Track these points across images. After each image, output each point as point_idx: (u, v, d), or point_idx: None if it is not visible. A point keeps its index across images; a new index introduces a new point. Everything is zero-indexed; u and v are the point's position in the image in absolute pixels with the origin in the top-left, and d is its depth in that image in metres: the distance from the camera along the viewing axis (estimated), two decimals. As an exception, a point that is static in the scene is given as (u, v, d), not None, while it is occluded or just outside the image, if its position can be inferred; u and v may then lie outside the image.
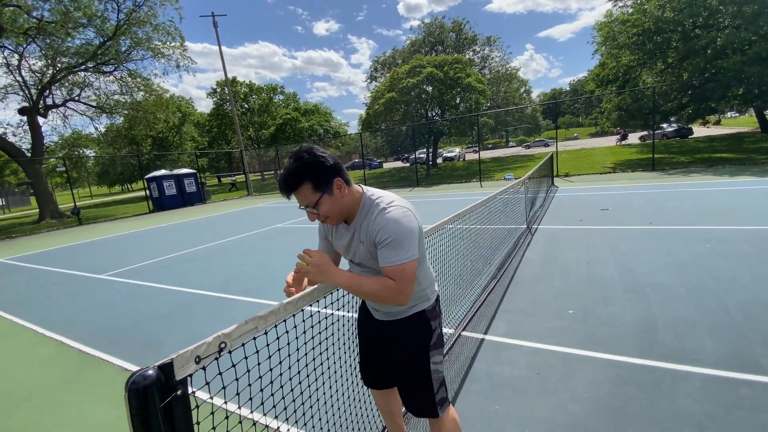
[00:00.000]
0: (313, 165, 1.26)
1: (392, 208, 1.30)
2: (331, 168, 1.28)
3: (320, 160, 1.27)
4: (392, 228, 1.26)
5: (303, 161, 1.26)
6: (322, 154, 1.28)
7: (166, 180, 18.77)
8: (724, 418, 1.93)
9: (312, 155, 1.27)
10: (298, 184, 1.27)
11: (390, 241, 1.26)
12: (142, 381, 0.83)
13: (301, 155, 1.27)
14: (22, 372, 3.25)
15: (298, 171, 1.26)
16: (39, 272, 7.25)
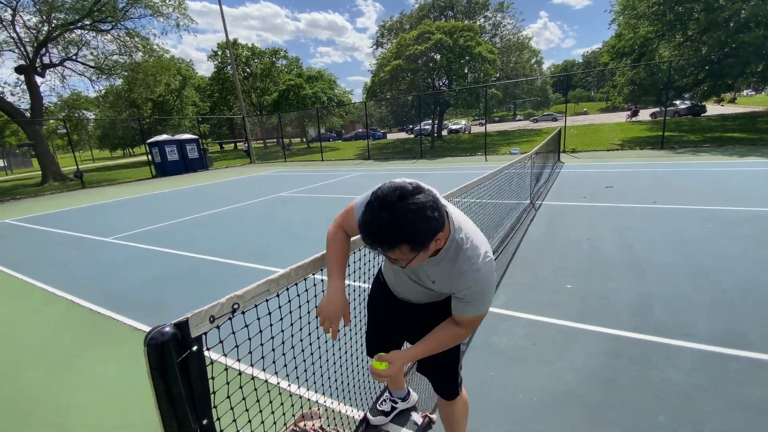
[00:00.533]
0: (419, 230, 0.98)
1: (483, 262, 1.13)
2: (437, 227, 1.01)
3: (432, 225, 0.99)
4: (480, 288, 1.14)
5: (408, 222, 0.96)
6: (432, 211, 0.99)
7: (168, 145, 18.63)
8: (711, 389, 2.02)
9: (421, 215, 0.97)
10: (394, 246, 1.00)
11: (473, 299, 1.16)
12: (160, 337, 0.88)
13: (408, 212, 0.96)
14: (36, 329, 3.37)
15: (400, 235, 0.97)
16: (46, 234, 7.36)
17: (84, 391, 2.44)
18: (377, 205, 0.99)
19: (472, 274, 1.12)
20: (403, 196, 0.98)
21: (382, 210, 0.98)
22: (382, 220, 0.98)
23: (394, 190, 0.99)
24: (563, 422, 1.88)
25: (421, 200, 0.98)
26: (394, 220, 0.97)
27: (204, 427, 0.99)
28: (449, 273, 1.16)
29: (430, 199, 1.00)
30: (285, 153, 25.03)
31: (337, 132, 43.50)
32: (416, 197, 0.98)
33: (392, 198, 0.98)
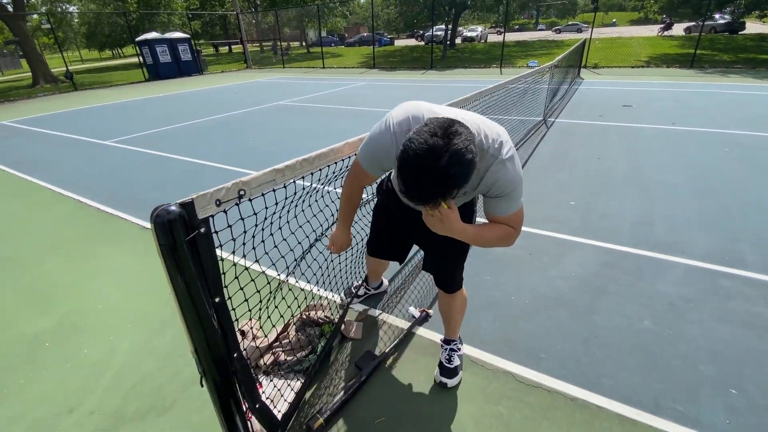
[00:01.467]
0: (465, 176, 0.89)
1: (507, 156, 1.07)
2: (478, 159, 0.93)
3: (472, 166, 0.89)
4: (512, 180, 1.09)
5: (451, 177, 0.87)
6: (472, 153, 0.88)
7: (158, 45, 17.27)
8: (697, 301, 2.12)
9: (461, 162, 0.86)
10: (444, 198, 0.93)
11: (509, 192, 1.11)
12: (166, 215, 0.86)
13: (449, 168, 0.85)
14: (46, 224, 3.47)
15: (447, 190, 0.89)
16: (44, 135, 7.21)
17: (101, 280, 2.59)
18: (417, 171, 0.87)
19: (499, 169, 1.07)
20: (440, 153, 0.85)
21: (424, 174, 0.87)
22: (427, 183, 0.88)
23: (429, 151, 0.86)
24: (551, 322, 2.01)
25: (459, 147, 0.86)
26: (441, 179, 0.87)
27: (217, 304, 1.04)
28: (476, 181, 1.11)
29: (464, 137, 0.88)
30: (283, 58, 23.34)
31: (340, 36, 39.93)
32: (454, 144, 0.86)
33: (431, 159, 0.86)
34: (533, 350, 1.84)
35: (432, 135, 0.87)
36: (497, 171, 1.08)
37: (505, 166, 1.07)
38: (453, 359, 1.68)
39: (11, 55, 42.50)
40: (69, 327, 2.16)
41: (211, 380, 1.08)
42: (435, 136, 0.86)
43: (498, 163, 1.07)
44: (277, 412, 1.41)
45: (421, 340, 1.94)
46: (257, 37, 35.14)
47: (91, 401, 1.70)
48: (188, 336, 0.99)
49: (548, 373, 1.71)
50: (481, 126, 1.09)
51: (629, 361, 1.75)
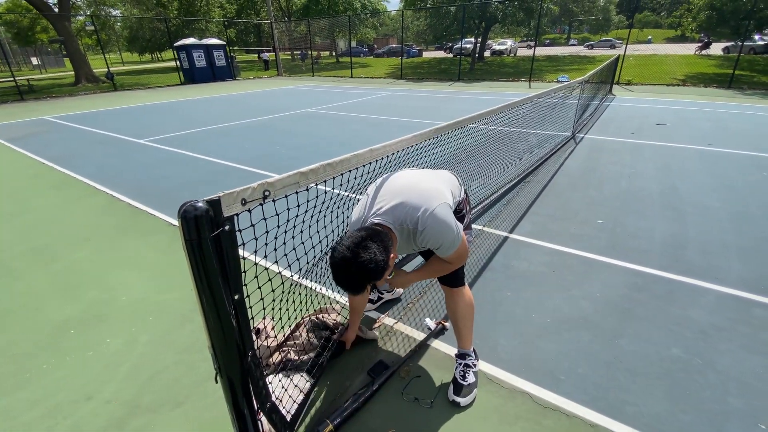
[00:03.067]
0: (375, 272, 1.20)
1: (426, 225, 1.32)
2: (387, 259, 1.23)
3: (380, 266, 1.20)
4: (437, 239, 1.35)
5: (360, 278, 1.20)
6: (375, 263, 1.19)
7: (195, 50, 18.03)
8: (728, 330, 2.00)
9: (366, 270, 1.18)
10: (362, 291, 1.25)
11: (440, 246, 1.38)
12: (193, 211, 0.88)
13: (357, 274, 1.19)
14: (80, 216, 3.63)
15: (363, 282, 1.22)
16: (82, 132, 7.59)
17: (126, 272, 2.67)
18: (336, 272, 1.21)
19: (424, 234, 1.34)
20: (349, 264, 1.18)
21: (341, 275, 1.21)
22: (344, 281, 1.21)
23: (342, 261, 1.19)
24: (572, 343, 1.93)
25: (364, 259, 1.17)
26: (353, 280, 1.20)
27: (236, 302, 1.05)
28: (414, 246, 1.44)
29: (371, 251, 1.19)
30: (313, 67, 23.89)
31: (369, 46, 40.58)
32: (360, 259, 1.17)
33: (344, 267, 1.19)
34: (553, 371, 1.77)
35: (347, 249, 1.19)
36: (423, 238, 1.35)
37: (426, 233, 1.34)
38: (467, 375, 1.64)
39: (55, 54, 45.06)
40: (94, 316, 2.24)
41: (225, 377, 1.09)
42: (348, 250, 1.19)
43: (419, 234, 1.34)
44: (286, 412, 1.40)
45: (436, 353, 1.90)
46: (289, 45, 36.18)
47: (109, 390, 1.74)
48: (207, 331, 1.01)
49: (567, 396, 1.64)
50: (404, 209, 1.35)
51: (654, 388, 1.66)
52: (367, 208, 1.41)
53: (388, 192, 1.41)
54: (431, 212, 1.33)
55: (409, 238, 1.39)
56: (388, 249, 1.25)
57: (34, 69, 39.07)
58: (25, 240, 3.17)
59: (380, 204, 1.38)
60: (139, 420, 1.60)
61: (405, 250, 1.48)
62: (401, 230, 1.36)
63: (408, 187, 1.41)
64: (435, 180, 1.49)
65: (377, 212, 1.37)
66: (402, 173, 1.53)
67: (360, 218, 1.42)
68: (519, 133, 4.48)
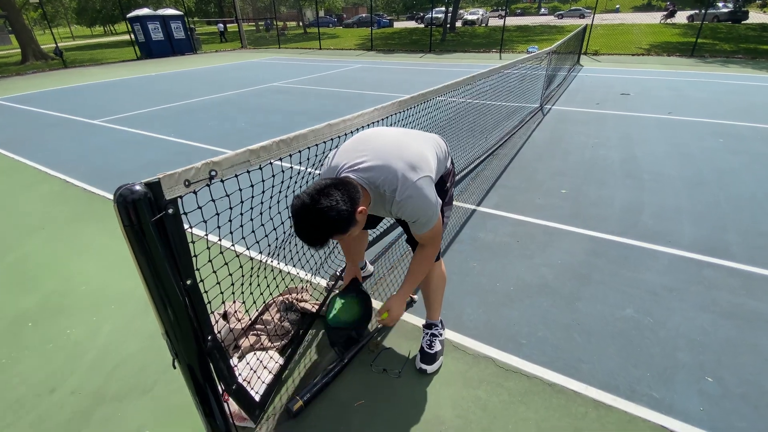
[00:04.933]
0: (337, 222, 1.12)
1: (404, 196, 1.24)
2: (352, 210, 1.15)
3: (343, 215, 1.12)
4: (413, 208, 1.27)
5: (320, 227, 1.12)
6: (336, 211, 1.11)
7: (150, 21, 16.80)
8: (680, 290, 2.14)
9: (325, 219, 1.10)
10: (326, 240, 1.17)
11: (416, 221, 1.31)
12: (130, 195, 0.84)
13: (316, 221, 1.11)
14: (32, 205, 3.42)
15: (324, 232, 1.13)
16: (32, 114, 7.05)
17: (84, 260, 2.56)
18: (297, 222, 1.14)
19: (401, 205, 1.26)
20: (308, 211, 1.10)
21: (301, 226, 1.13)
22: (305, 232, 1.13)
23: (301, 208, 1.12)
24: (533, 309, 2.02)
25: (324, 206, 1.10)
26: (313, 230, 1.12)
27: (188, 287, 1.02)
28: (388, 212, 1.34)
29: (333, 198, 1.11)
30: (279, 38, 22.83)
31: (338, 16, 39.03)
32: (319, 206, 1.10)
33: (303, 215, 1.12)
34: (514, 336, 1.85)
35: (307, 195, 1.12)
36: (398, 208, 1.28)
37: (403, 204, 1.26)
38: (434, 344, 1.69)
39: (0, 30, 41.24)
40: (52, 308, 2.15)
41: (184, 363, 1.07)
42: (308, 197, 1.11)
43: (395, 203, 1.26)
44: (255, 393, 1.41)
45: (404, 324, 1.94)
46: (253, 15, 34.29)
47: (73, 381, 1.70)
48: (158, 318, 0.98)
49: (528, 358, 1.72)
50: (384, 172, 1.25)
51: (609, 347, 1.77)
52: (343, 159, 1.30)
53: (370, 149, 1.30)
54: (413, 184, 1.24)
55: (383, 201, 1.29)
56: (355, 200, 1.16)
57: (-28, 45, 35.56)
58: (-29, 232, 2.97)
59: (359, 159, 1.27)
60: (105, 409, 1.57)
61: (375, 210, 1.38)
62: (375, 192, 1.26)
63: (393, 148, 1.30)
64: (423, 146, 1.39)
65: (353, 167, 1.26)
66: (390, 130, 1.43)
67: (332, 168, 1.31)
68: (488, 106, 4.49)
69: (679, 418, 1.45)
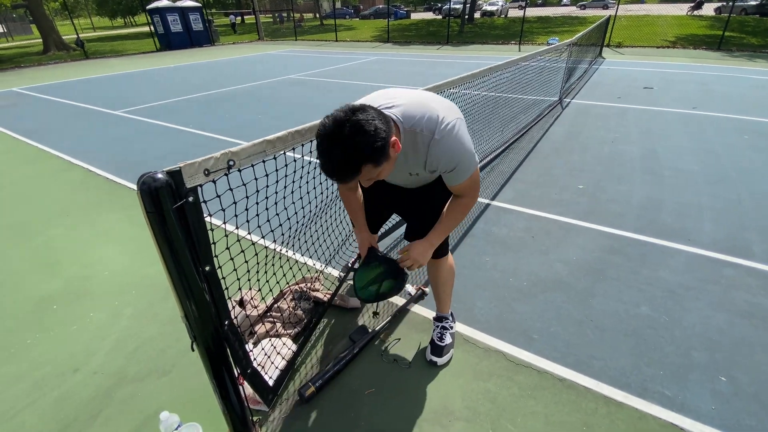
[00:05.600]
0: (375, 139, 0.97)
1: (444, 134, 1.12)
2: (387, 135, 1.00)
3: (380, 134, 0.97)
4: (451, 153, 1.15)
5: (355, 145, 0.96)
6: (374, 126, 0.97)
7: (169, 13, 17.02)
8: (697, 289, 2.09)
9: (363, 132, 0.95)
10: (357, 170, 1.00)
11: (455, 167, 1.18)
12: (152, 182, 0.87)
13: (352, 137, 0.95)
14: (55, 191, 3.54)
15: (359, 153, 0.97)
16: (55, 104, 7.26)
17: (106, 246, 2.65)
18: (326, 143, 0.99)
19: (437, 148, 1.14)
20: (342, 124, 0.97)
21: (332, 146, 0.98)
22: (336, 155, 0.98)
23: (333, 124, 0.98)
24: (546, 304, 2.01)
25: (360, 118, 0.97)
26: (347, 149, 0.97)
27: (207, 273, 1.05)
28: (420, 160, 1.20)
29: (369, 113, 0.99)
30: (296, 30, 22.84)
31: (355, 8, 38.79)
32: (356, 117, 0.97)
33: (336, 131, 0.97)
34: (526, 331, 1.84)
35: (339, 112, 1.00)
36: (435, 150, 1.15)
37: (440, 144, 1.13)
38: (444, 337, 1.70)
39: (21, 21, 42.33)
40: (75, 291, 2.24)
41: (202, 346, 1.11)
42: (341, 112, 0.99)
43: (433, 142, 1.13)
44: (269, 378, 1.45)
45: (415, 316, 1.96)
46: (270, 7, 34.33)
47: (95, 362, 1.77)
48: (178, 302, 1.02)
49: (539, 353, 1.72)
50: (421, 110, 1.14)
51: (622, 344, 1.75)
52: (372, 102, 1.17)
53: (402, 95, 1.19)
54: (452, 124, 1.14)
55: (415, 148, 1.15)
56: (390, 126, 1.03)
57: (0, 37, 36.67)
58: (1, 217, 3.10)
59: (391, 102, 1.16)
60: (125, 389, 1.64)
61: (401, 167, 1.23)
62: (411, 132, 1.13)
63: (427, 97, 1.21)
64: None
65: (386, 106, 1.14)
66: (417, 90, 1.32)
67: None
68: (505, 99, 4.42)
69: (690, 416, 1.43)
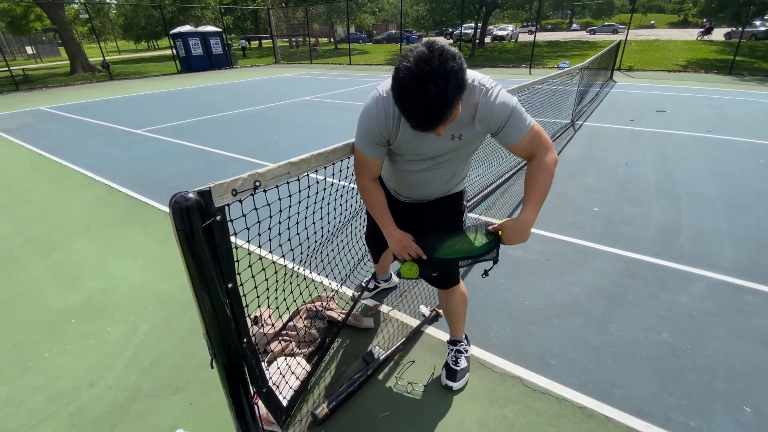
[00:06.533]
0: (462, 71, 0.95)
1: (494, 87, 1.14)
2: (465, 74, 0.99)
3: (463, 71, 0.96)
4: (504, 102, 1.14)
5: (451, 73, 0.92)
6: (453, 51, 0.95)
7: (191, 38, 17.78)
8: (718, 315, 2.04)
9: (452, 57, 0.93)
10: (453, 106, 0.97)
11: (509, 114, 1.16)
12: (184, 202, 0.90)
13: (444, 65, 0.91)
14: (79, 208, 3.64)
15: (452, 91, 0.93)
16: (80, 122, 7.55)
17: (125, 262, 2.70)
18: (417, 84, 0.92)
19: (488, 97, 1.13)
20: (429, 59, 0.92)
21: (425, 84, 0.92)
22: (432, 91, 0.92)
23: (420, 60, 0.92)
24: (563, 329, 1.97)
25: (443, 46, 0.94)
26: (444, 80, 0.92)
27: (229, 290, 1.07)
28: (470, 112, 1.15)
29: (443, 45, 0.95)
30: (311, 54, 23.58)
31: (368, 33, 40.00)
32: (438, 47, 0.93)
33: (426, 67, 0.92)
34: (543, 356, 1.81)
35: (417, 50, 0.94)
36: (486, 100, 1.13)
37: (491, 92, 1.13)
38: (459, 361, 1.68)
39: (50, 43, 44.55)
40: (94, 305, 2.27)
41: (221, 362, 1.12)
42: (421, 48, 0.94)
43: (483, 93, 1.13)
44: (282, 398, 1.44)
45: (429, 338, 1.94)
46: (287, 32, 35.63)
47: (111, 377, 1.79)
48: (201, 318, 1.04)
49: (557, 379, 1.68)
50: (473, 73, 1.14)
51: (643, 372, 1.70)
52: None
53: None
54: (498, 85, 1.17)
55: (467, 99, 1.11)
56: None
57: (30, 58, 38.67)
58: (25, 231, 3.20)
59: None
60: (140, 405, 1.64)
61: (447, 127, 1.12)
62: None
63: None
64: None
65: None
66: None
67: None
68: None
69: (721, 452, 1.38)
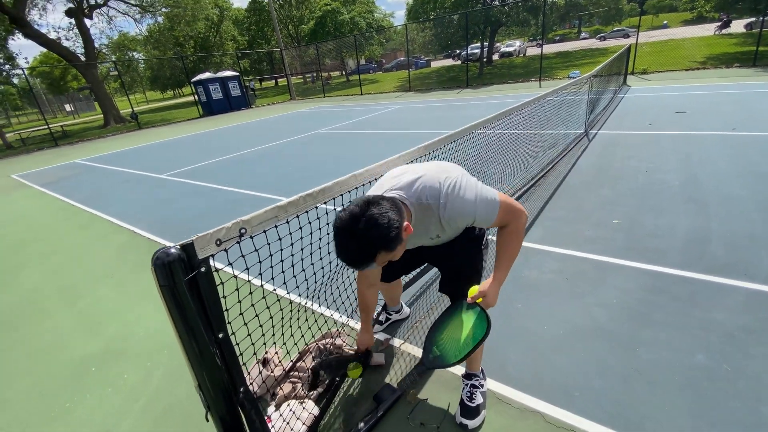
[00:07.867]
0: (389, 230, 1.07)
1: (448, 197, 1.21)
2: (399, 226, 1.10)
3: (393, 225, 1.08)
4: (467, 212, 1.23)
5: (370, 239, 1.06)
6: (387, 218, 1.07)
7: (211, 83, 18.85)
8: (760, 331, 1.86)
9: (377, 225, 1.06)
10: (372, 259, 1.11)
11: (474, 219, 1.26)
12: (165, 257, 0.91)
13: (367, 231, 1.06)
14: (103, 254, 3.80)
15: (375, 243, 1.07)
16: (110, 171, 8.02)
17: (144, 307, 2.77)
18: (342, 237, 1.09)
19: (447, 211, 1.22)
20: (357, 219, 1.07)
21: (348, 240, 1.08)
22: (352, 247, 1.08)
23: (349, 218, 1.08)
24: (587, 355, 1.84)
25: (375, 212, 1.07)
26: (362, 241, 1.07)
27: (220, 340, 1.07)
28: (437, 225, 1.27)
29: (383, 206, 1.09)
30: (324, 88, 24.44)
31: (378, 62, 41.26)
32: (370, 212, 1.07)
33: (351, 226, 1.07)
34: (566, 387, 1.69)
35: (355, 206, 1.10)
36: (446, 213, 1.22)
37: (448, 206, 1.21)
38: (475, 397, 1.59)
39: (86, 99, 48.28)
40: (114, 351, 2.32)
41: (216, 415, 1.10)
42: (356, 207, 1.09)
43: (441, 207, 1.22)
44: (288, 447, 1.39)
45: (443, 373, 1.85)
46: (300, 69, 37.23)
47: (125, 425, 1.79)
48: (191, 372, 1.02)
49: (582, 414, 1.56)
50: (421, 182, 1.24)
51: (678, 401, 1.56)
52: (379, 190, 1.28)
53: (403, 172, 1.31)
54: (452, 184, 1.22)
55: (428, 218, 1.24)
56: (401, 214, 1.13)
57: (69, 115, 41.95)
58: (55, 280, 3.35)
59: (396, 182, 1.27)
60: (152, 456, 1.63)
61: (419, 234, 1.31)
62: (419, 207, 1.23)
63: (424, 167, 1.31)
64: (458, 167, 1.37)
65: (391, 188, 1.25)
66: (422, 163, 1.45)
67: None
68: (527, 136, 4.41)
69: (776, 494, 1.22)
